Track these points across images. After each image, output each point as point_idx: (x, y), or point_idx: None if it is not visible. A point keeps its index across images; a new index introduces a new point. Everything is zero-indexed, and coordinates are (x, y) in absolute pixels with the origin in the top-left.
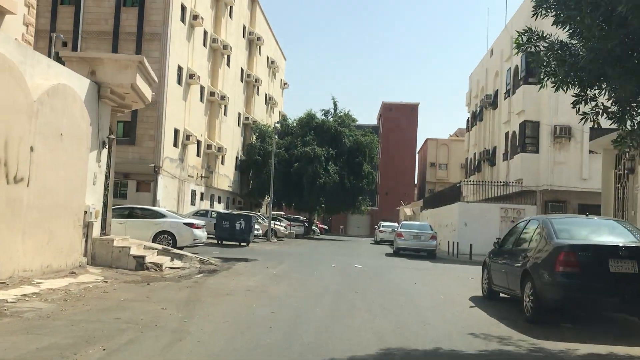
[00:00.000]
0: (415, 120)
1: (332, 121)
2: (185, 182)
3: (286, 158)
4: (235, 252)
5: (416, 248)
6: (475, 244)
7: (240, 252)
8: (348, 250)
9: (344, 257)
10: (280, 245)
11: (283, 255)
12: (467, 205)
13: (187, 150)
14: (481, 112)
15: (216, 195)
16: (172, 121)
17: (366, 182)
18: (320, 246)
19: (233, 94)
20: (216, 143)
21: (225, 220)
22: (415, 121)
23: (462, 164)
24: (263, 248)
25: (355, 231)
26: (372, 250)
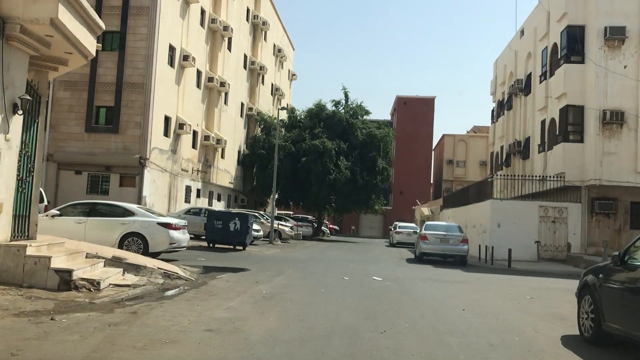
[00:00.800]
0: (431, 115)
1: (343, 112)
2: (179, 177)
3: (293, 152)
4: (225, 258)
5: (444, 253)
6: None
7: (232, 258)
8: (362, 255)
9: (358, 264)
10: (283, 248)
11: (284, 262)
12: (501, 204)
13: (181, 140)
14: (510, 99)
15: (215, 193)
16: (162, 107)
17: (380, 178)
18: (330, 249)
19: (235, 81)
20: (215, 134)
21: (217, 220)
22: (431, 116)
23: (482, 161)
24: (262, 253)
25: (367, 232)
26: (389, 254)
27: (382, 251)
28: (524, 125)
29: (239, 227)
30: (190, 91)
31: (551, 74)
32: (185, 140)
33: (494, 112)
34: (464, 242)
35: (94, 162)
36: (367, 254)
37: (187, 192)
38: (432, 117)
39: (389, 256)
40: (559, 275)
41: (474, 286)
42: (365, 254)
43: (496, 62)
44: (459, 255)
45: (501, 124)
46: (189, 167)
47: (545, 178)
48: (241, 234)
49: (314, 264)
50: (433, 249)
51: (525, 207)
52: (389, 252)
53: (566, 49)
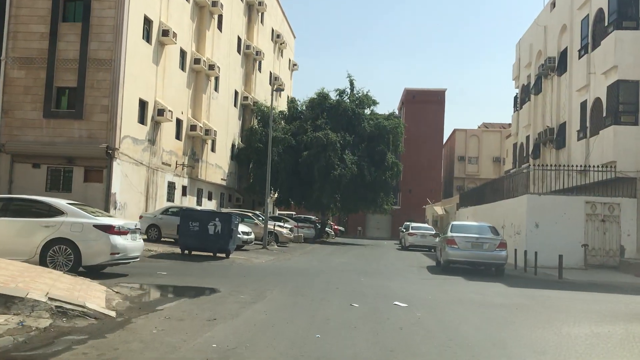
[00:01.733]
0: (441, 109)
1: (348, 102)
2: (159, 172)
3: (294, 145)
4: (196, 271)
5: (477, 261)
6: (550, 253)
7: (206, 271)
8: (372, 262)
9: (370, 276)
10: (278, 255)
11: (273, 276)
12: (540, 200)
13: (161, 129)
14: (538, 82)
15: (205, 190)
16: (135, 88)
17: (390, 174)
18: (334, 255)
19: (227, 66)
20: (203, 124)
21: (192, 221)
22: (441, 110)
23: (495, 157)
24: (249, 262)
25: (374, 233)
26: (404, 260)
27: (395, 256)
28: (557, 109)
29: (220, 230)
30: (173, 73)
31: (595, 46)
32: (167, 130)
33: (517, 99)
34: (501, 247)
35: (55, 153)
36: (378, 260)
37: (170, 190)
38: (443, 111)
39: (406, 263)
40: (634, 290)
41: (543, 314)
42: (377, 261)
43: (519, 43)
44: (496, 263)
45: (527, 111)
46: (171, 160)
47: (586, 168)
48: (223, 239)
49: (311, 278)
50: (463, 255)
51: (569, 203)
52: (403, 258)
53: (616, 14)
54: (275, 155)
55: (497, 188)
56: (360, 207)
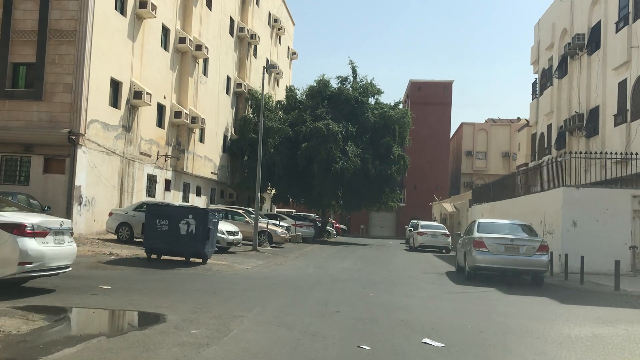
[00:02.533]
0: (448, 101)
1: (351, 90)
2: (136, 163)
3: (291, 136)
4: (152, 284)
5: (512, 268)
6: (591, 256)
7: (167, 283)
8: (380, 267)
9: (380, 289)
10: (269, 258)
11: (253, 291)
12: (579, 193)
13: (139, 115)
14: (563, 64)
15: (193, 185)
16: (106, 66)
17: (396, 168)
18: (335, 258)
19: (217, 48)
20: (190, 111)
21: (160, 218)
22: (448, 102)
23: (504, 152)
24: (231, 269)
25: (378, 231)
26: (417, 263)
27: (405, 259)
28: (587, 92)
29: (194, 229)
30: (153, 52)
31: (638, 16)
32: (146, 116)
33: (537, 85)
34: (542, 250)
35: (10, 139)
36: (387, 264)
37: (150, 183)
38: (450, 104)
39: (419, 268)
40: None
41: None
42: (385, 266)
43: (539, 23)
44: (536, 271)
45: (549, 98)
46: (152, 150)
47: (626, 157)
48: (198, 240)
49: (303, 294)
50: (495, 261)
51: (613, 197)
52: (415, 261)
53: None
54: (271, 147)
55: (519, 182)
56: (364, 204)
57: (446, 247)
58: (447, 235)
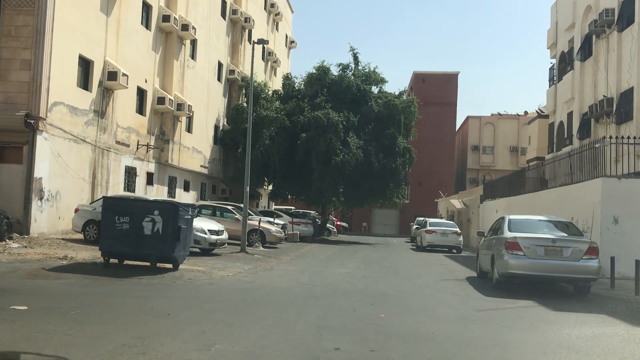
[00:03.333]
0: (454, 94)
1: (352, 78)
2: (111, 153)
3: (288, 127)
4: (89, 301)
5: (555, 275)
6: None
7: (109, 301)
8: (388, 272)
9: (393, 305)
10: (258, 262)
11: (223, 311)
12: (621, 185)
13: (114, 99)
14: (587, 44)
15: (180, 179)
16: (73, 41)
17: (401, 161)
18: (335, 259)
19: (207, 30)
20: (175, 97)
21: (120, 215)
22: (454, 94)
23: (512, 146)
24: (206, 277)
25: (381, 229)
26: (429, 266)
27: (414, 261)
28: (617, 74)
29: (160, 229)
30: (132, 29)
31: None
32: (124, 100)
33: (554, 71)
34: (591, 253)
35: None
36: (395, 269)
37: (129, 176)
38: (455, 97)
39: (434, 273)
40: None
41: None
42: (394, 270)
43: (556, 4)
44: (584, 279)
45: (569, 83)
46: (131, 139)
47: None
48: (165, 242)
49: (290, 317)
50: (532, 267)
51: None
52: (426, 264)
53: None
54: (266, 138)
55: (540, 175)
56: (367, 200)
57: (457, 247)
58: (458, 233)
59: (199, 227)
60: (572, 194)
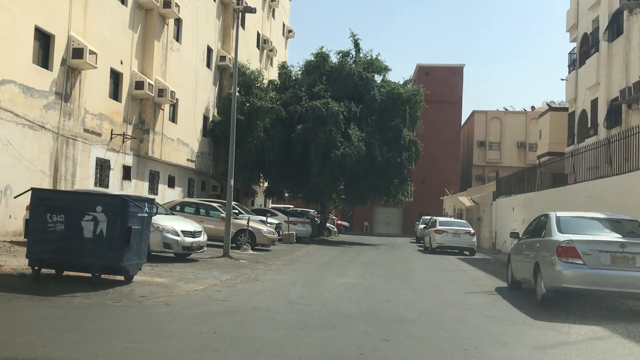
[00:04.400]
0: (459, 87)
1: (353, 65)
2: (78, 142)
3: (284, 118)
4: None
5: (627, 292)
6: None
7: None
8: (399, 283)
9: (417, 337)
10: (240, 270)
11: (157, 357)
12: None
13: (82, 80)
14: (615, 23)
15: (163, 174)
16: (27, 10)
17: (407, 155)
18: (334, 265)
19: (194, 10)
20: (156, 82)
21: (52, 212)
22: (459, 88)
23: (520, 142)
24: (166, 293)
25: (383, 229)
26: (446, 274)
27: (427, 266)
28: None
29: (104, 230)
30: (105, 3)
31: None
32: (94, 82)
33: (576, 55)
34: None
35: None
36: (407, 277)
37: (101, 170)
38: (461, 91)
39: (454, 283)
40: None
41: None
42: (406, 280)
43: None
44: None
45: (594, 66)
46: (103, 127)
47: None
48: (111, 247)
49: None
50: (596, 280)
51: None
52: (442, 270)
53: None
54: (260, 130)
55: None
56: (370, 197)
57: (471, 249)
58: (471, 233)
59: (170, 228)
60: (616, 186)
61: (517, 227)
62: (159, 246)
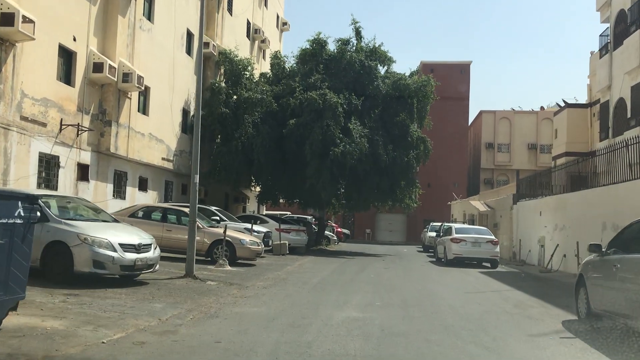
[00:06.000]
0: (466, 85)
1: (355, 53)
2: (13, 133)
3: (276, 111)
4: None
5: None
6: None
7: None
8: (419, 308)
9: None
10: (198, 300)
11: None
12: None
13: (16, 55)
14: None
15: (132, 175)
16: None
17: (415, 154)
18: (331, 288)
19: None
20: (120, 64)
21: None
22: (466, 86)
23: (531, 143)
24: (46, 352)
25: (386, 236)
26: (476, 294)
27: (450, 284)
28: None
29: None
30: None
31: None
32: (35, 60)
33: (609, 37)
34: None
35: None
36: (433, 306)
37: (48, 168)
38: (468, 89)
39: (506, 318)
40: None
41: None
42: (431, 309)
43: None
44: None
45: (635, 47)
46: (48, 116)
47: None
48: None
49: None
50: None
51: None
52: (472, 290)
53: None
54: (249, 125)
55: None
56: (374, 201)
57: (493, 260)
58: (494, 242)
59: (104, 241)
60: None
61: (547, 234)
62: (88, 266)
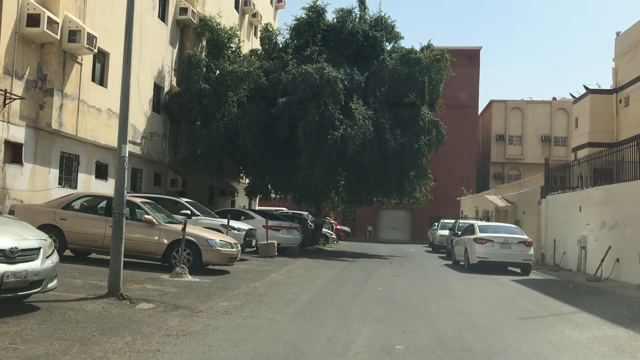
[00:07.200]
0: (475, 73)
1: (358, 23)
2: None
3: (264, 87)
4: None
5: None
6: None
7: None
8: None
9: None
10: (114, 335)
11: None
12: None
13: None
14: None
15: (87, 159)
16: None
17: (426, 140)
18: (327, 308)
19: None
20: (65, 18)
21: None
22: (475, 74)
23: (544, 135)
24: None
25: (389, 234)
26: (533, 320)
27: (484, 301)
28: None
29: None
30: None
31: None
32: None
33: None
34: None
35: None
36: (476, 342)
37: None
38: (477, 77)
39: None
40: None
41: None
42: (478, 352)
43: None
44: None
45: None
46: None
47: None
48: None
49: None
50: None
51: None
52: (517, 310)
53: None
54: (233, 105)
55: None
56: (378, 194)
57: (526, 265)
58: (527, 243)
59: None
60: None
61: (590, 233)
62: None
